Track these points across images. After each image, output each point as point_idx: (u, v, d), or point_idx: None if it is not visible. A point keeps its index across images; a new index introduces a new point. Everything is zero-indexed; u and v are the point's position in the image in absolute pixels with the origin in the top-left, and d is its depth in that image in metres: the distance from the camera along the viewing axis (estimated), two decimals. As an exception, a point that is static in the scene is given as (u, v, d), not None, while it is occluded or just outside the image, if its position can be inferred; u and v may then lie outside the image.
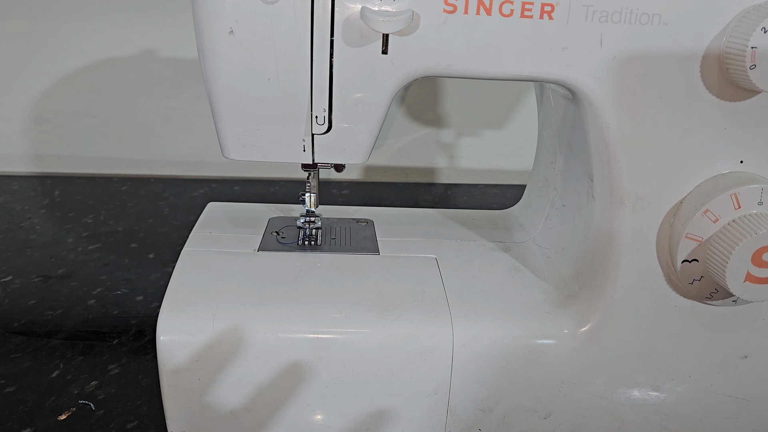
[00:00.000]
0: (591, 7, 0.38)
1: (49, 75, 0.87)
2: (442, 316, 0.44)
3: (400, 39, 0.39)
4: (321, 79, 0.40)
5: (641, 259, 0.43)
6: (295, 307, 0.44)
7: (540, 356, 0.44)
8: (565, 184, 0.50)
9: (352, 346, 0.43)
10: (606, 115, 0.41)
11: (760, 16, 0.37)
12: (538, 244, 0.52)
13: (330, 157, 0.43)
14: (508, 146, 0.95)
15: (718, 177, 0.42)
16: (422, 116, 0.92)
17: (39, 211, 0.79)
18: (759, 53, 0.37)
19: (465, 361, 0.43)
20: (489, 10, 0.38)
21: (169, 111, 0.90)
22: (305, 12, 0.38)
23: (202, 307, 0.43)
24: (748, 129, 0.41)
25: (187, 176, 0.93)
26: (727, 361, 0.45)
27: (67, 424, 0.47)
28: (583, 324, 0.44)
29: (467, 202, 0.88)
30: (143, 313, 0.60)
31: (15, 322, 0.58)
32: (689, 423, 0.47)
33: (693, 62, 0.39)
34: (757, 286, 0.39)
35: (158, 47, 0.87)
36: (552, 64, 0.40)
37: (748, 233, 0.39)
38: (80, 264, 0.68)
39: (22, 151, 0.91)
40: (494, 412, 0.45)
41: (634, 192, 0.42)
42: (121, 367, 0.53)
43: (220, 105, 0.41)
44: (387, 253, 0.50)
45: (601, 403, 0.45)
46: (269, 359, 0.42)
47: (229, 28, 0.38)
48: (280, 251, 0.50)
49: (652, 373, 0.45)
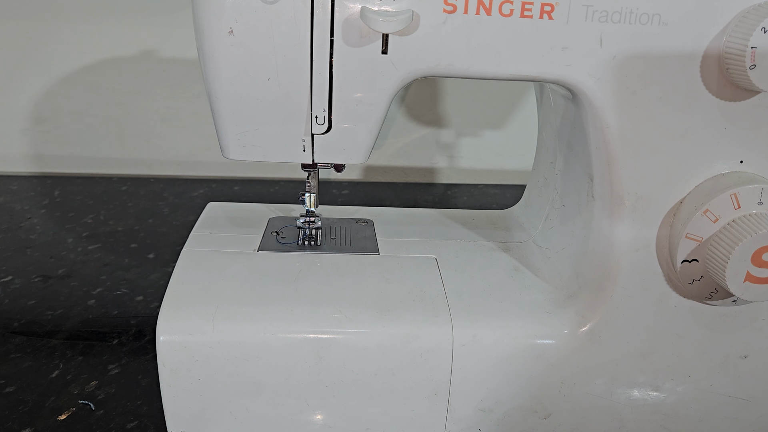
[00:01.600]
0: (591, 7, 0.38)
1: (49, 75, 0.87)
2: (442, 316, 0.44)
3: (400, 39, 0.39)
4: (321, 79, 0.40)
5: (641, 259, 0.43)
6: (295, 307, 0.44)
7: (540, 356, 0.44)
8: (565, 184, 0.50)
9: (352, 346, 0.43)
10: (606, 115, 0.41)
11: (760, 16, 0.37)
12: (537, 244, 0.52)
13: (330, 157, 0.43)
14: (509, 146, 0.95)
15: (718, 177, 0.42)
16: (422, 116, 0.92)
17: (39, 211, 0.79)
18: (759, 53, 0.37)
19: (465, 361, 0.43)
20: (489, 10, 0.38)
21: (169, 111, 0.90)
22: (305, 12, 0.38)
23: (201, 307, 0.43)
24: (748, 129, 0.41)
25: (187, 176, 0.93)
26: (727, 361, 0.45)
27: (67, 424, 0.47)
28: (583, 324, 0.44)
29: (467, 202, 0.88)
30: (143, 313, 0.60)
31: (15, 322, 0.58)
32: (689, 423, 0.47)
33: (693, 62, 0.39)
34: (756, 286, 0.39)
35: (158, 47, 0.87)
36: (552, 64, 0.40)
37: (747, 233, 0.39)
38: (80, 264, 0.68)
39: (22, 151, 0.91)
40: (494, 412, 0.45)
41: (634, 192, 0.42)
42: (121, 367, 0.53)
43: (220, 105, 0.41)
44: (387, 253, 0.50)
45: (601, 403, 0.45)
46: (269, 359, 0.42)
47: (229, 28, 0.38)
48: (280, 251, 0.50)
49: (652, 373, 0.45)
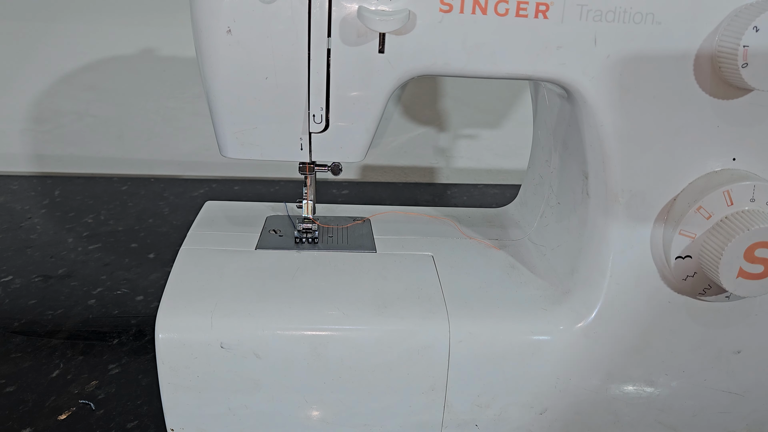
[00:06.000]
0: (585, 6, 0.39)
1: (49, 75, 0.87)
2: (439, 313, 0.44)
3: (396, 38, 0.39)
4: (318, 77, 0.40)
5: (635, 256, 0.44)
6: (293, 305, 0.44)
7: (536, 352, 0.44)
8: (560, 181, 0.50)
9: (350, 343, 0.43)
10: (600, 113, 0.41)
11: (752, 15, 0.37)
12: (533, 242, 0.53)
13: (327, 156, 0.44)
14: (508, 146, 0.95)
15: (711, 174, 0.42)
16: (419, 115, 0.93)
17: (39, 211, 0.80)
18: (751, 52, 0.37)
19: (461, 358, 0.43)
20: (484, 9, 0.39)
21: (169, 111, 0.90)
22: (302, 11, 0.39)
23: (200, 304, 0.43)
24: (741, 127, 0.41)
25: (187, 176, 0.93)
26: (720, 356, 0.46)
27: (67, 424, 0.48)
28: (578, 320, 0.45)
29: (467, 202, 0.88)
30: (143, 313, 0.61)
31: (15, 321, 0.59)
32: (683, 417, 0.47)
33: (686, 61, 0.40)
34: (749, 281, 0.40)
35: (158, 47, 0.87)
36: (547, 62, 0.40)
37: (740, 230, 0.39)
38: (80, 264, 0.68)
39: (22, 151, 0.91)
40: (491, 408, 0.45)
41: (629, 189, 0.42)
42: (122, 366, 0.54)
43: (218, 104, 0.41)
44: (384, 250, 0.51)
45: (597, 398, 0.46)
46: (267, 356, 0.42)
47: (227, 28, 0.39)
48: (278, 249, 0.50)
49: (647, 368, 0.45)
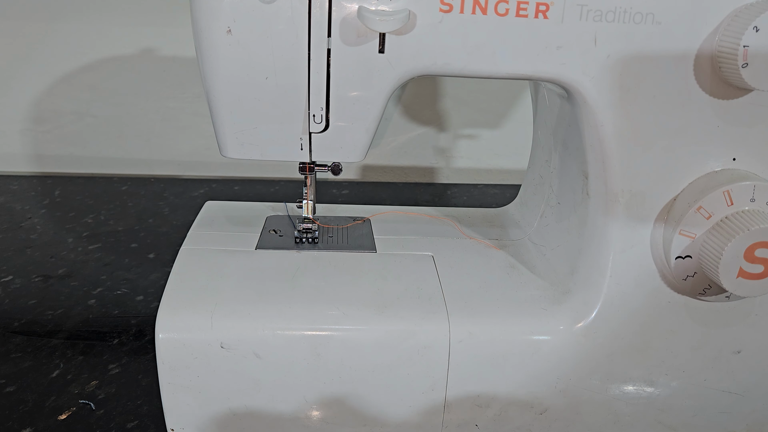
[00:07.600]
0: (585, 6, 0.39)
1: (49, 75, 0.87)
2: (439, 313, 0.44)
3: (396, 38, 0.39)
4: (318, 77, 0.40)
5: (635, 256, 0.44)
6: (293, 305, 0.44)
7: (536, 352, 0.44)
8: (560, 181, 0.50)
9: (350, 343, 0.43)
10: (600, 113, 0.41)
11: (752, 15, 0.37)
12: (533, 242, 0.53)
13: (327, 156, 0.44)
14: (508, 146, 0.95)
15: (711, 174, 0.42)
16: (419, 115, 0.93)
17: (39, 211, 0.80)
18: (751, 52, 0.37)
19: (461, 358, 0.43)
20: (484, 9, 0.39)
21: (169, 111, 0.90)
22: (302, 11, 0.39)
23: (200, 304, 0.43)
24: (741, 127, 0.41)
25: (187, 176, 0.93)
26: (720, 356, 0.46)
27: (67, 424, 0.48)
28: (578, 320, 0.45)
29: (467, 202, 0.88)
30: (143, 313, 0.61)
31: (15, 321, 0.59)
32: (683, 417, 0.47)
33: (686, 61, 0.40)
34: (749, 281, 0.40)
35: (158, 47, 0.87)
36: (547, 62, 0.40)
37: (740, 230, 0.39)
38: (80, 264, 0.68)
39: (22, 151, 0.91)
40: (490, 408, 0.45)
41: (629, 189, 0.42)
42: (122, 366, 0.54)
43: (218, 104, 0.41)
44: (384, 250, 0.51)
45: (597, 398, 0.46)
46: (267, 356, 0.43)
47: (227, 28, 0.39)
48: (278, 249, 0.50)
49: (647, 368, 0.45)
